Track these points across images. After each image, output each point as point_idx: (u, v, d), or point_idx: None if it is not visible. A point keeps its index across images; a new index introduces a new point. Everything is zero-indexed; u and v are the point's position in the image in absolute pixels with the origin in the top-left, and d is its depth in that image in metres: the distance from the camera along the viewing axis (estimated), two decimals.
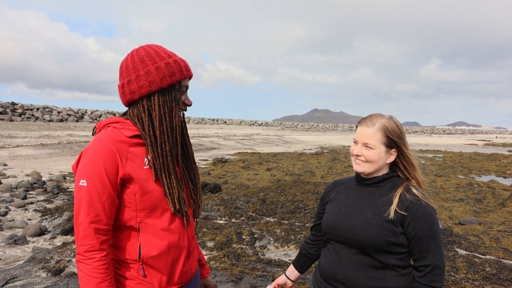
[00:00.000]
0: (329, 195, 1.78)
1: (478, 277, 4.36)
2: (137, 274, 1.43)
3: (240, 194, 8.61)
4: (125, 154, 1.37)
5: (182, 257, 1.50)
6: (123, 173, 1.35)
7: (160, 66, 1.41)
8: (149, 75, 1.40)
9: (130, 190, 1.38)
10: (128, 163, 1.36)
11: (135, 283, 1.43)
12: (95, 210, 1.33)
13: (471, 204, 8.62)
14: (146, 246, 1.41)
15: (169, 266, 1.46)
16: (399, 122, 1.64)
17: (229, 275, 4.16)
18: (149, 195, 1.39)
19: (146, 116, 1.42)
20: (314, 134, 58.52)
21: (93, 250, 1.34)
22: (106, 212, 1.35)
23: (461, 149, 31.75)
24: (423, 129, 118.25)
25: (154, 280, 1.44)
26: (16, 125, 25.84)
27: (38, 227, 5.56)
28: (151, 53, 1.44)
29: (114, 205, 1.37)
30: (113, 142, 1.36)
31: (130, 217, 1.40)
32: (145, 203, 1.39)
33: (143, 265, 1.42)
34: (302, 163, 15.92)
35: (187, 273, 1.54)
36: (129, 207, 1.39)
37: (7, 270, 4.14)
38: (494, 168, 16.58)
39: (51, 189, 8.53)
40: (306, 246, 1.91)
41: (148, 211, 1.40)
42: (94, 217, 1.33)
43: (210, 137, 30.90)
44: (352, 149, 1.64)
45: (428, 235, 1.51)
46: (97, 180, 1.33)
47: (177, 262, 1.49)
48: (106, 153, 1.34)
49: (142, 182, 1.38)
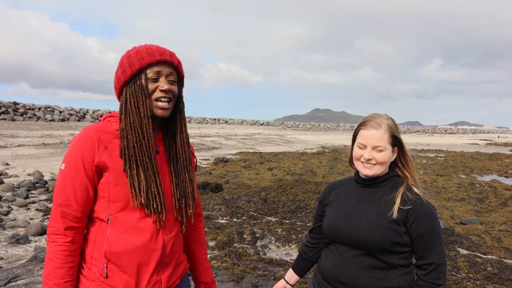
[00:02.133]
0: (328, 197, 1.75)
1: (479, 277, 4.36)
2: (99, 274, 1.36)
3: (242, 193, 8.62)
4: (105, 144, 1.36)
5: (153, 262, 1.39)
6: (97, 160, 1.34)
7: (131, 54, 1.39)
8: (122, 66, 1.39)
9: (104, 179, 1.36)
10: (105, 152, 1.35)
11: (95, 284, 1.36)
12: (65, 193, 1.33)
13: (472, 204, 8.61)
14: (111, 241, 1.35)
15: (135, 269, 1.36)
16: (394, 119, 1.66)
17: (231, 274, 4.16)
18: (122, 187, 1.35)
19: (122, 108, 1.39)
20: (315, 133, 58.49)
21: (57, 233, 1.33)
22: (77, 198, 1.34)
23: (462, 148, 31.69)
24: (425, 128, 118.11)
25: (118, 282, 1.35)
26: (18, 125, 25.91)
27: (40, 226, 5.58)
28: (135, 47, 1.42)
29: (86, 192, 1.35)
30: (97, 131, 1.37)
31: (102, 208, 1.37)
32: (117, 195, 1.35)
33: (107, 262, 1.36)
34: (304, 163, 15.92)
35: (157, 284, 1.41)
36: (103, 197, 1.37)
37: (9, 269, 4.15)
38: (496, 168, 16.56)
39: (53, 189, 8.55)
40: (305, 249, 1.86)
41: (119, 204, 1.36)
42: (63, 200, 1.33)
43: (211, 137, 30.92)
44: (359, 154, 1.59)
45: (431, 233, 1.51)
46: (72, 165, 1.34)
47: (145, 267, 1.38)
48: (85, 141, 1.35)
49: (117, 172, 1.35)
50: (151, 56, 1.37)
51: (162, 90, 1.38)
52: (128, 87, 1.39)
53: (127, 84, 1.39)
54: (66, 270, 1.33)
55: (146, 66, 1.37)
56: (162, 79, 1.39)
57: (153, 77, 1.38)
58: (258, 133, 44.55)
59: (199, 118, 63.24)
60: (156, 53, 1.37)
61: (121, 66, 1.40)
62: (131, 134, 1.36)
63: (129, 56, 1.39)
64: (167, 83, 1.40)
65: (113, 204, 1.36)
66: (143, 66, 1.36)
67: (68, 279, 1.34)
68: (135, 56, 1.37)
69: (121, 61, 1.42)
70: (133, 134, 1.36)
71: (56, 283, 1.32)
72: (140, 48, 1.40)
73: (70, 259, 1.34)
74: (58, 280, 1.32)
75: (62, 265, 1.32)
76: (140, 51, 1.38)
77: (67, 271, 1.33)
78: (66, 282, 1.33)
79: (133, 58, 1.37)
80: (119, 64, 1.43)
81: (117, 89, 1.43)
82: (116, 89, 1.44)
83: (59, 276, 1.32)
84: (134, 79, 1.38)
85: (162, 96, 1.38)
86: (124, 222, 1.37)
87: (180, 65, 1.45)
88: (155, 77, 1.38)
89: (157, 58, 1.37)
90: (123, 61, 1.40)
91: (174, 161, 1.49)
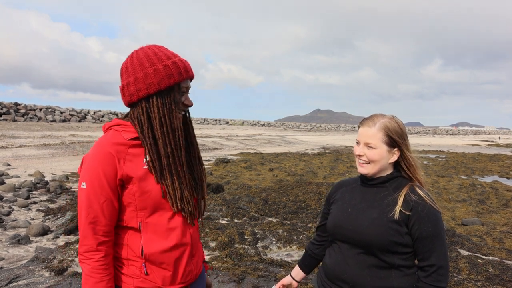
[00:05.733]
0: (334, 195, 1.79)
1: (481, 278, 4.35)
2: (140, 272, 1.44)
3: (243, 194, 8.62)
4: (124, 156, 1.40)
5: (185, 255, 1.50)
6: (121, 174, 1.39)
7: (158, 68, 1.41)
8: (147, 78, 1.41)
9: (129, 190, 1.41)
10: (126, 164, 1.40)
11: (138, 281, 1.44)
12: (93, 211, 1.37)
13: (474, 205, 8.60)
14: (148, 245, 1.42)
15: (172, 264, 1.46)
16: (401, 122, 1.64)
17: (231, 275, 4.16)
18: (148, 194, 1.41)
19: (145, 118, 1.43)
20: (316, 134, 58.47)
21: (91, 250, 1.38)
22: (105, 214, 1.38)
23: (464, 149, 31.66)
24: (426, 129, 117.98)
25: (157, 278, 1.44)
26: (19, 126, 25.95)
27: (41, 227, 5.58)
28: (150, 55, 1.44)
29: (112, 206, 1.40)
30: (112, 145, 1.40)
31: (131, 217, 1.43)
32: (144, 202, 1.41)
33: (145, 262, 1.43)
34: (305, 164, 15.91)
35: (191, 273, 1.54)
36: (130, 207, 1.42)
37: (10, 270, 4.16)
38: (497, 169, 16.53)
39: (54, 189, 8.56)
40: (311, 246, 1.91)
41: (148, 210, 1.42)
42: (92, 218, 1.38)
43: (212, 138, 30.93)
44: (354, 150, 1.65)
45: (433, 235, 1.51)
46: (95, 183, 1.37)
47: (180, 261, 1.49)
48: (104, 157, 1.38)
49: (140, 181, 1.40)
50: (187, 73, 1.47)
51: (188, 105, 1.50)
52: (157, 98, 1.42)
53: (155, 95, 1.42)
54: (106, 283, 1.40)
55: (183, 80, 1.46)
56: (187, 94, 1.51)
57: (183, 92, 1.48)
58: (259, 133, 44.56)
59: (200, 118, 63.26)
60: (186, 70, 1.47)
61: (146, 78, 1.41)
62: (168, 146, 1.44)
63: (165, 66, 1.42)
64: (188, 97, 1.51)
65: (141, 212, 1.43)
66: (181, 80, 1.45)
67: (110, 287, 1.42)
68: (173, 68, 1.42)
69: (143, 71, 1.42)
70: (168, 146, 1.44)
71: None
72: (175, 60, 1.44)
73: (108, 272, 1.41)
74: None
75: (103, 278, 1.39)
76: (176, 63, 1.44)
77: (107, 283, 1.40)
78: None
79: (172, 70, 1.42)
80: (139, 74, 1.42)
81: (133, 96, 1.44)
82: (131, 96, 1.44)
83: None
84: (167, 90, 1.44)
85: (184, 109, 1.51)
86: (155, 226, 1.44)
87: None
88: (183, 92, 1.49)
89: (191, 75, 1.49)
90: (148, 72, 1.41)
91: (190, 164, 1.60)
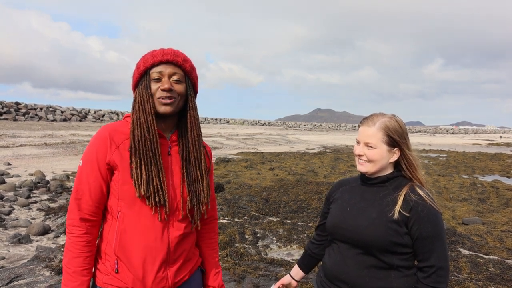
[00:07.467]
0: (334, 194, 1.78)
1: (481, 277, 4.35)
2: (111, 269, 1.46)
3: (243, 193, 8.62)
4: (117, 144, 1.45)
5: (158, 260, 1.45)
6: (109, 159, 1.43)
7: (143, 57, 1.49)
8: (136, 69, 1.51)
9: (115, 177, 1.45)
10: (116, 151, 1.44)
11: (107, 278, 1.46)
12: (81, 188, 1.44)
13: (474, 204, 8.59)
14: (119, 237, 1.44)
15: (141, 265, 1.43)
16: (402, 121, 1.63)
17: (232, 274, 4.16)
18: (129, 186, 1.42)
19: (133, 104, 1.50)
20: (317, 133, 58.45)
21: (74, 225, 1.44)
22: (91, 193, 1.44)
23: (464, 148, 31.62)
24: (426, 128, 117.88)
25: (127, 278, 1.44)
26: (20, 125, 25.97)
27: (42, 226, 5.59)
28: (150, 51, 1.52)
29: (100, 188, 1.45)
30: (112, 131, 1.47)
31: (113, 204, 1.46)
32: (124, 193, 1.43)
33: (117, 259, 1.45)
34: (305, 163, 15.90)
35: (162, 281, 1.47)
36: (113, 194, 1.46)
37: (11, 269, 4.17)
38: (498, 168, 16.51)
39: (55, 188, 8.57)
40: (311, 246, 1.90)
41: (126, 201, 1.44)
42: (80, 194, 1.44)
43: (213, 137, 30.92)
44: (354, 149, 1.65)
45: (433, 236, 1.50)
46: (88, 162, 1.44)
47: (151, 264, 1.44)
48: (100, 140, 1.45)
49: (125, 171, 1.43)
50: (154, 58, 1.46)
51: (162, 89, 1.45)
52: (137, 87, 1.50)
53: (138, 82, 1.50)
54: (83, 259, 1.44)
55: (149, 67, 1.46)
56: (165, 79, 1.46)
57: (155, 78, 1.46)
58: (260, 133, 44.55)
59: (201, 118, 63.01)
60: (159, 55, 1.46)
61: (135, 69, 1.53)
62: (137, 130, 1.44)
63: (139, 60, 1.51)
64: (169, 82, 1.46)
65: (121, 201, 1.45)
66: (147, 67, 1.46)
67: (85, 267, 1.45)
68: (142, 59, 1.49)
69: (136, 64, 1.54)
70: (138, 129, 1.44)
71: (74, 271, 1.43)
72: (149, 51, 1.50)
73: (87, 249, 1.45)
74: (76, 268, 1.43)
75: (80, 255, 1.43)
76: (146, 54, 1.49)
77: (84, 260, 1.44)
78: (83, 270, 1.44)
79: (140, 61, 1.49)
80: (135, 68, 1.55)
81: (132, 90, 1.54)
82: (132, 90, 1.55)
83: (77, 264, 1.43)
84: (141, 80, 1.49)
85: (164, 95, 1.45)
86: (131, 220, 1.44)
87: (185, 64, 1.50)
88: (157, 77, 1.46)
89: (158, 59, 1.45)
90: (136, 64, 1.52)
91: (187, 162, 1.54)
